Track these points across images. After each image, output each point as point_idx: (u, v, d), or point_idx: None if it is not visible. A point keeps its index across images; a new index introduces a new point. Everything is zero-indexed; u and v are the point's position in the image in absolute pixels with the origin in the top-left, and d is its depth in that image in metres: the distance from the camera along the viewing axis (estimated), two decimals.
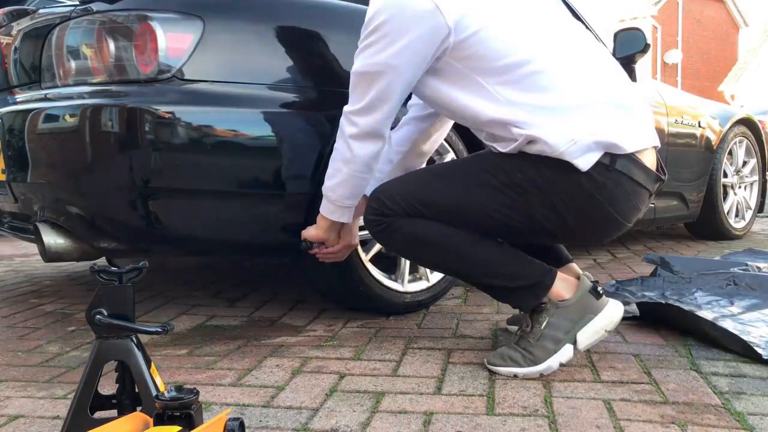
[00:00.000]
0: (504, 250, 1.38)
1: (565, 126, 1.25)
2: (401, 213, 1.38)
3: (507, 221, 1.34)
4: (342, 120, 1.39)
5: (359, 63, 1.33)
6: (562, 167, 1.27)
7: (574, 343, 1.35)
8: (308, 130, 1.67)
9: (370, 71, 1.31)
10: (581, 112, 1.27)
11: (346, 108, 1.38)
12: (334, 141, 1.65)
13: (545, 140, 1.25)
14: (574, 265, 1.59)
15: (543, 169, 1.28)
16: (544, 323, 1.35)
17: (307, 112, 1.67)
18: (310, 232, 1.54)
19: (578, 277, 1.40)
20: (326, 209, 1.48)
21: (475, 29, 1.26)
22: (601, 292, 1.38)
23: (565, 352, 1.35)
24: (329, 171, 1.45)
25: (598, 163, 1.26)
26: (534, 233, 1.37)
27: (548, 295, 1.36)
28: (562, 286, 1.37)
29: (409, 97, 1.54)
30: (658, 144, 1.36)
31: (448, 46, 1.28)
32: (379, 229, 1.41)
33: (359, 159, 1.39)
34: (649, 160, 1.33)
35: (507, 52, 1.27)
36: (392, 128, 1.51)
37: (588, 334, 1.35)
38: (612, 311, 1.37)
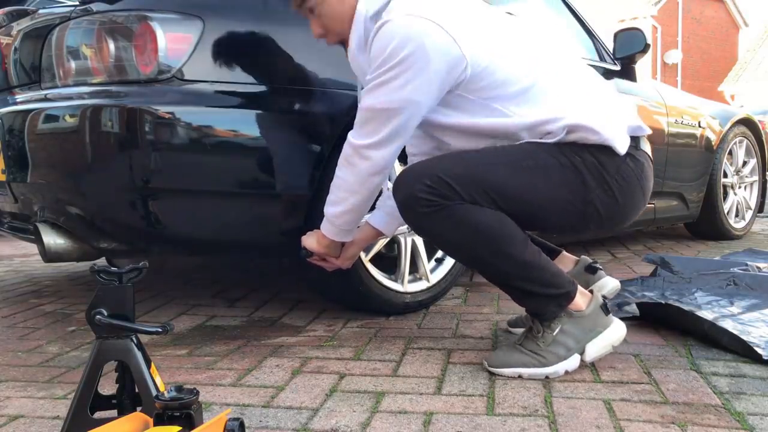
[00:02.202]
0: (543, 257, 1.37)
1: (597, 113, 1.34)
2: (465, 197, 1.30)
3: (566, 206, 1.35)
4: (350, 153, 1.37)
5: (377, 99, 1.30)
6: (606, 152, 1.34)
7: (582, 353, 1.36)
8: (308, 130, 1.67)
9: (389, 108, 1.30)
10: (604, 104, 1.38)
11: (355, 141, 1.36)
12: (335, 142, 1.66)
13: (587, 126, 1.31)
14: (567, 254, 1.64)
15: (595, 154, 1.34)
16: (557, 330, 1.35)
17: (308, 113, 1.67)
18: (311, 244, 1.53)
19: (591, 291, 1.41)
20: (329, 231, 1.47)
21: (487, 63, 1.30)
22: (610, 309, 1.40)
23: (573, 361, 1.35)
24: (333, 197, 1.43)
25: (630, 146, 1.37)
26: (584, 219, 1.38)
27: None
28: (580, 298, 1.37)
29: None
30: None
31: (464, 79, 1.30)
32: (430, 211, 1.31)
33: (368, 190, 1.39)
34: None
35: (514, 80, 1.31)
36: None
37: (597, 347, 1.36)
38: (619, 328, 1.39)
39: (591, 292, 1.41)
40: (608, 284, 1.62)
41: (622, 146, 1.33)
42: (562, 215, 1.37)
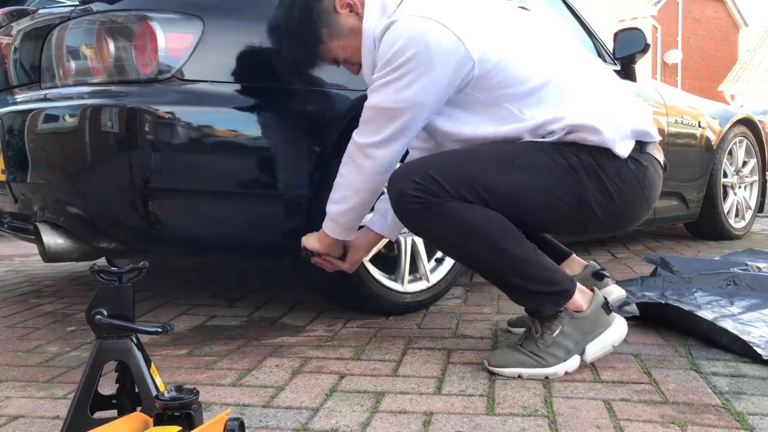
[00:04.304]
0: (539, 254, 1.37)
1: (603, 116, 1.31)
2: (454, 194, 1.30)
3: (560, 206, 1.34)
4: (354, 151, 1.38)
5: (381, 98, 1.31)
6: (605, 153, 1.32)
7: (582, 353, 1.36)
8: (309, 130, 1.67)
9: (394, 107, 1.30)
10: (611, 105, 1.35)
11: (359, 139, 1.36)
12: (335, 142, 1.65)
13: (588, 125, 1.29)
14: (577, 257, 1.62)
15: (594, 155, 1.32)
16: (557, 331, 1.34)
17: (308, 113, 1.67)
18: (312, 244, 1.53)
19: (592, 289, 1.41)
20: (332, 230, 1.47)
21: (497, 60, 1.29)
22: (611, 308, 1.40)
23: (573, 362, 1.35)
24: (336, 196, 1.43)
25: (634, 149, 1.34)
26: (579, 220, 1.37)
27: (567, 304, 1.36)
28: (580, 296, 1.37)
29: None
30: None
31: (472, 78, 1.29)
32: (420, 208, 1.31)
33: (371, 189, 1.40)
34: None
35: (527, 77, 1.30)
36: None
37: (597, 347, 1.36)
38: (620, 327, 1.39)
39: (592, 290, 1.40)
40: (614, 292, 1.61)
41: (623, 150, 1.32)
42: (556, 215, 1.36)
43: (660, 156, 1.43)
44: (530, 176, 1.32)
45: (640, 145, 1.37)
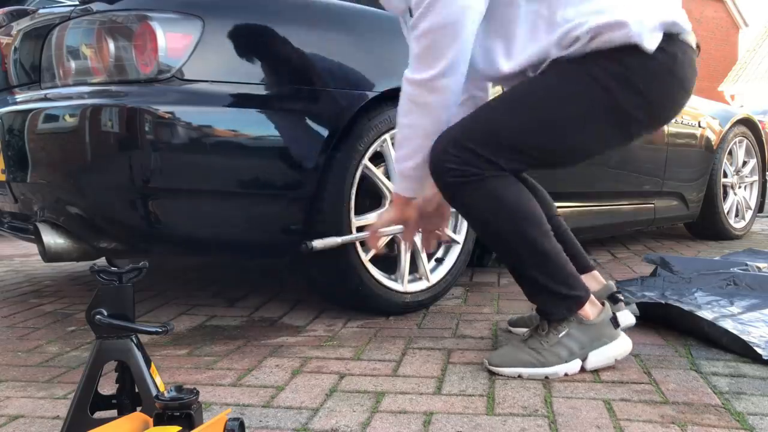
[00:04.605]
0: (563, 255, 1.37)
1: (628, 11, 1.27)
2: (493, 160, 1.29)
3: (601, 126, 1.33)
4: (417, 93, 1.30)
5: (434, 18, 1.24)
6: (632, 52, 1.28)
7: (584, 359, 1.36)
8: (309, 129, 1.67)
9: (450, 21, 1.24)
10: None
11: (419, 76, 1.28)
12: (335, 141, 1.65)
13: (614, 23, 1.25)
14: (598, 274, 1.62)
15: (620, 58, 1.28)
16: (563, 332, 1.35)
17: (308, 112, 1.67)
18: (390, 218, 1.46)
19: (603, 303, 1.41)
20: (410, 189, 1.41)
21: None
22: (620, 323, 1.40)
23: (574, 365, 1.35)
24: (407, 152, 1.36)
25: (662, 40, 1.29)
26: (623, 129, 1.36)
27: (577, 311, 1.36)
28: (590, 307, 1.37)
29: None
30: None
31: None
32: (457, 181, 1.30)
33: (441, 128, 1.34)
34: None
35: None
36: None
37: (600, 357, 1.36)
38: (625, 343, 1.39)
39: (603, 304, 1.41)
40: (625, 320, 1.58)
41: (650, 43, 1.26)
42: (600, 136, 1.36)
43: (693, 40, 1.37)
44: (563, 112, 1.31)
45: (669, 36, 1.31)
